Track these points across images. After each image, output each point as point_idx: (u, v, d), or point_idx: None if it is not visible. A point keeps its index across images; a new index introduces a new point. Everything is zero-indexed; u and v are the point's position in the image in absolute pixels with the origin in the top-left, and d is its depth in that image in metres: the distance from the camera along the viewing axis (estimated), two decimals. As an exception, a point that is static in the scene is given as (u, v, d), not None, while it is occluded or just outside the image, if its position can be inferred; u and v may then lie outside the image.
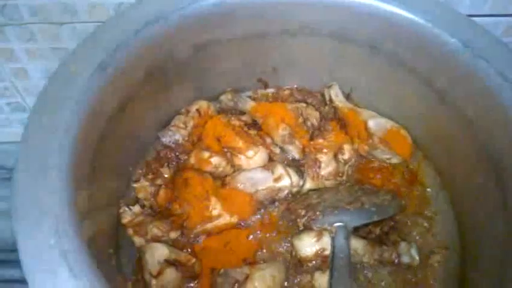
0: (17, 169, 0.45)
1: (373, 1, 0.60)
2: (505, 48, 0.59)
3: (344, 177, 0.69)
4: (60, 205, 0.42)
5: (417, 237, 0.65)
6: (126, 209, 0.62)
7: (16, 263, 0.41)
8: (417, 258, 0.61)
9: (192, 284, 0.59)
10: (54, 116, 0.48)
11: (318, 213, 0.60)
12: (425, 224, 0.66)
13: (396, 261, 0.60)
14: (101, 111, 0.55)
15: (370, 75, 0.72)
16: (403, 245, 0.61)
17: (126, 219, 0.61)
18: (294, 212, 0.62)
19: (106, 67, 0.54)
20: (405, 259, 0.60)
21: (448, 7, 0.67)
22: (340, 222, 0.59)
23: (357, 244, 0.60)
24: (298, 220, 0.61)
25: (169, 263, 0.57)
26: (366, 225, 0.62)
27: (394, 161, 0.70)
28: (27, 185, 0.44)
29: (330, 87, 0.76)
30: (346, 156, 0.69)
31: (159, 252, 0.57)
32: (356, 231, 0.62)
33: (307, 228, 0.60)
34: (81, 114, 0.50)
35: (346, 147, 0.69)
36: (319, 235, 0.59)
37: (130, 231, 0.61)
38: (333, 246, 0.57)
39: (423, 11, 0.60)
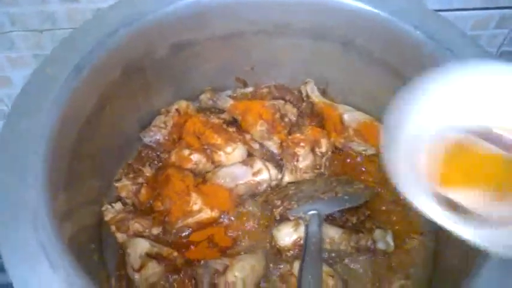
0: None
1: (340, -3, 0.62)
2: (469, 40, 0.61)
3: (322, 170, 0.71)
4: (38, 202, 0.44)
5: (393, 224, 0.67)
6: (109, 206, 0.64)
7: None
8: (392, 244, 0.62)
9: (175, 277, 0.60)
10: (30, 119, 0.49)
11: (293, 203, 0.62)
12: (401, 211, 0.68)
13: (372, 247, 0.62)
14: (78, 112, 0.56)
15: (344, 70, 0.74)
16: (378, 232, 0.63)
17: (108, 216, 0.63)
18: (271, 203, 0.64)
19: (82, 68, 0.55)
20: (381, 245, 0.62)
21: (415, 1, 0.70)
22: (314, 210, 0.61)
23: (334, 233, 0.62)
24: (274, 210, 0.63)
25: (151, 256, 0.58)
26: (343, 214, 0.64)
27: (370, 152, 0.72)
28: (5, 184, 0.45)
29: (306, 83, 0.78)
30: (323, 149, 0.71)
31: (140, 247, 0.59)
32: (333, 220, 0.65)
33: (284, 218, 0.62)
34: (57, 116, 0.51)
35: (323, 141, 0.71)
36: (297, 225, 0.61)
37: (113, 228, 0.62)
38: (306, 233, 0.58)
39: (389, 6, 0.62)
